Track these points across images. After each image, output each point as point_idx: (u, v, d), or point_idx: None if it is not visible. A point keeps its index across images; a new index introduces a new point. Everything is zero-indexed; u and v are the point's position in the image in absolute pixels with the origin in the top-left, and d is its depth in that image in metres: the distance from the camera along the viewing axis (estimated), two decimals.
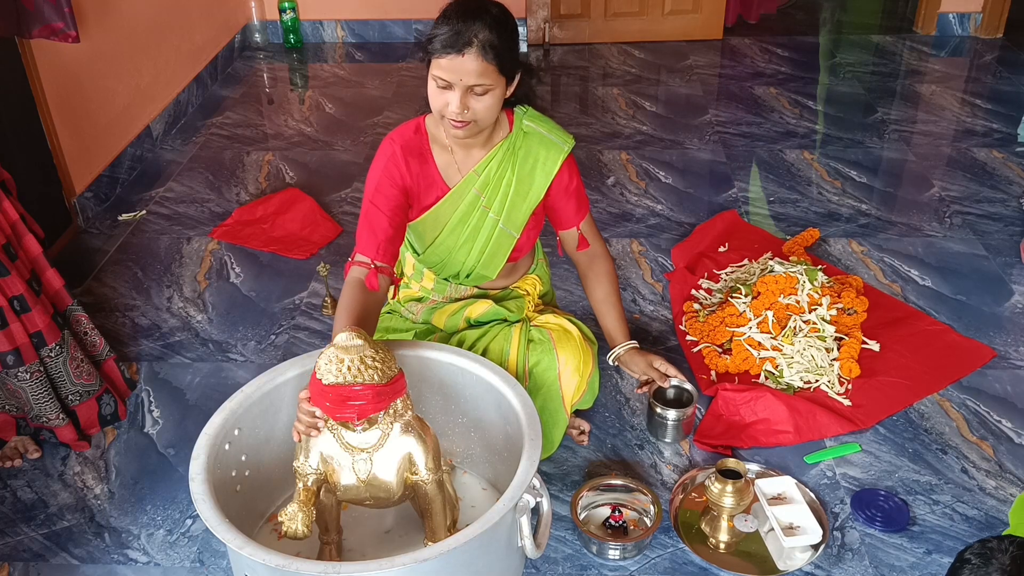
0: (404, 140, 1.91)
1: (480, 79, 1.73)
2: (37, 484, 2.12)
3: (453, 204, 1.95)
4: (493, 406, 1.87)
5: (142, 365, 2.50)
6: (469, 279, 2.07)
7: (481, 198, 1.95)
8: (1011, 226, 3.12)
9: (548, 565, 1.90)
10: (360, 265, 1.84)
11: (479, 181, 1.94)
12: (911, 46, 4.86)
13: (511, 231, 1.99)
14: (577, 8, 4.91)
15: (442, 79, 1.74)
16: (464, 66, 1.72)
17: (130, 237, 3.14)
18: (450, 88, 1.75)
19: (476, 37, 1.70)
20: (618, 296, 2.11)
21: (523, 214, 1.99)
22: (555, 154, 1.95)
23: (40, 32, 2.77)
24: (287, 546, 1.78)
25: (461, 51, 1.71)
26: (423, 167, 1.92)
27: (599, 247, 2.11)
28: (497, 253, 2.02)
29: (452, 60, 1.71)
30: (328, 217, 3.21)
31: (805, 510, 1.94)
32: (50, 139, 3.01)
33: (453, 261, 2.02)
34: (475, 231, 1.98)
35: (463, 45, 1.70)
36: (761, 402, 2.24)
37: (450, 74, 1.73)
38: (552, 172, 1.96)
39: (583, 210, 2.07)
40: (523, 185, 1.96)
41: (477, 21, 1.71)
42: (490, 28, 1.72)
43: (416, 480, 1.68)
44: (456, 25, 1.71)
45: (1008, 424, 2.25)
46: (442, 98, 1.77)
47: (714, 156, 3.67)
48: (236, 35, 4.78)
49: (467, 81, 1.73)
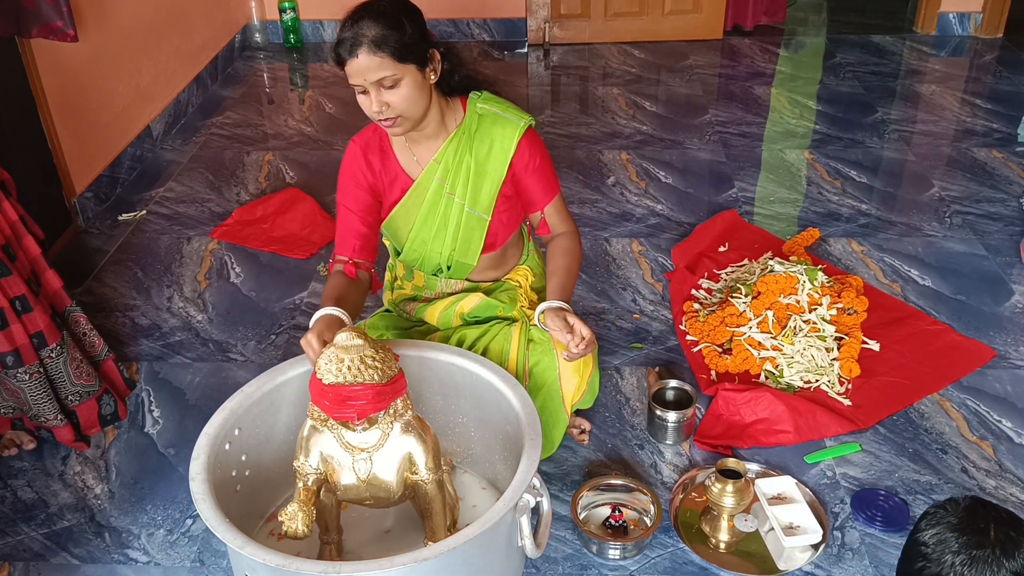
0: (364, 140, 1.99)
1: (380, 72, 1.76)
2: (37, 484, 2.12)
3: (419, 196, 1.98)
4: (493, 406, 1.87)
5: (142, 365, 2.50)
6: (452, 271, 2.07)
7: (444, 185, 1.97)
8: (1011, 226, 3.12)
9: (548, 565, 1.90)
10: (338, 263, 1.94)
11: (440, 169, 1.96)
12: (911, 46, 4.86)
13: (480, 214, 2.00)
14: (577, 8, 4.91)
15: (354, 85, 1.80)
16: (361, 66, 1.76)
17: (130, 237, 3.14)
18: (365, 91, 1.80)
19: (363, 36, 1.74)
20: (569, 271, 2.00)
21: (488, 195, 1.99)
22: (511, 131, 1.95)
23: (39, 32, 2.77)
24: (287, 546, 1.78)
25: (354, 54, 1.75)
26: (385, 163, 1.98)
27: (566, 228, 2.07)
28: (471, 238, 2.02)
29: (351, 65, 1.77)
30: (328, 217, 3.21)
31: (805, 510, 1.94)
32: (50, 139, 3.01)
33: (431, 253, 2.04)
34: (444, 219, 2.00)
35: (353, 47, 1.75)
36: (761, 402, 2.24)
37: (355, 78, 1.78)
38: (510, 149, 1.95)
39: (550, 192, 2.03)
40: (482, 166, 1.97)
41: (362, 20, 1.76)
42: (375, 22, 1.76)
43: (416, 480, 1.68)
44: (346, 32, 1.77)
45: (1008, 424, 2.25)
46: (364, 102, 1.82)
47: (714, 156, 3.67)
48: (236, 35, 4.78)
49: (371, 78, 1.77)
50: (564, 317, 1.86)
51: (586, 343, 1.84)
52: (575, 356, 1.86)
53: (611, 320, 2.67)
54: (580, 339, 1.83)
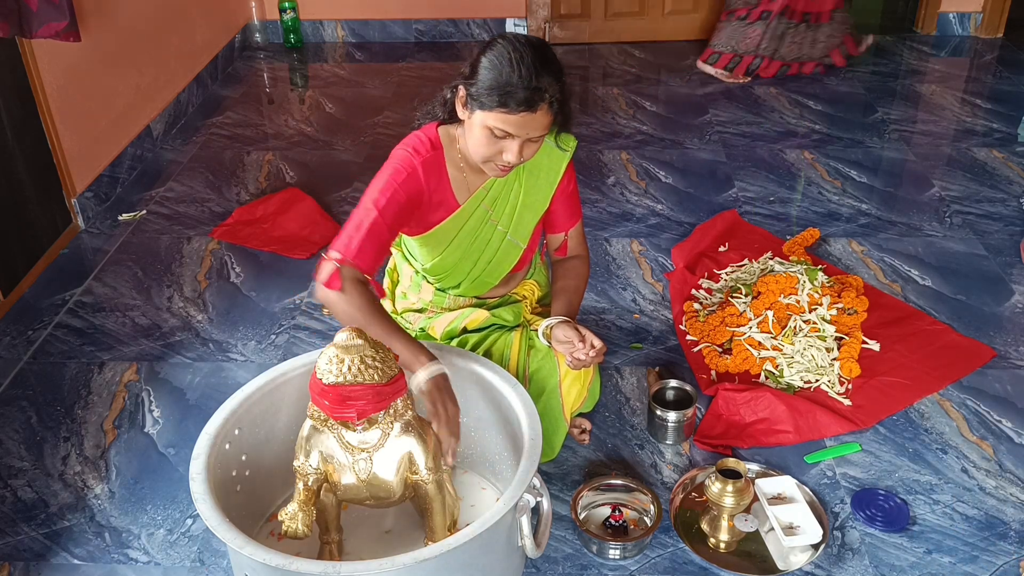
0: (424, 158, 1.84)
1: (541, 131, 1.72)
2: (37, 484, 2.12)
3: (461, 220, 1.94)
4: (493, 406, 1.87)
5: (142, 365, 2.50)
6: (471, 287, 2.06)
7: (490, 212, 1.95)
8: (1011, 226, 3.12)
9: (548, 565, 1.90)
10: (352, 267, 1.78)
11: (487, 197, 1.94)
12: (911, 46, 4.86)
13: (518, 242, 2.00)
14: (577, 8, 4.91)
15: (502, 131, 1.70)
16: (534, 122, 1.68)
17: (130, 237, 3.14)
18: (508, 138, 1.71)
19: (546, 92, 1.67)
20: (578, 292, 2.04)
21: (530, 224, 2.00)
22: (558, 162, 1.95)
23: (42, 32, 2.77)
24: (287, 546, 1.78)
25: (533, 108, 1.66)
26: (438, 184, 1.88)
27: (581, 252, 2.10)
28: (503, 263, 2.03)
29: (522, 117, 1.67)
30: (328, 217, 3.21)
31: (805, 510, 1.95)
32: (50, 139, 3.01)
33: (458, 271, 2.02)
34: (483, 244, 1.98)
35: (535, 102, 1.66)
36: (761, 402, 2.24)
37: (516, 129, 1.69)
38: (556, 180, 1.97)
39: (575, 216, 2.06)
40: (530, 197, 1.96)
41: (545, 75, 1.67)
42: (556, 80, 1.68)
43: (416, 480, 1.68)
44: (528, 82, 1.65)
45: (1008, 424, 2.25)
46: (495, 146, 1.73)
47: (714, 156, 3.67)
48: (236, 35, 4.78)
49: (532, 134, 1.70)
50: (575, 327, 1.88)
51: (596, 351, 1.84)
52: (582, 364, 1.87)
53: (611, 320, 2.67)
54: (591, 347, 1.84)
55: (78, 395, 2.39)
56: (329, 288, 1.76)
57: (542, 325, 1.96)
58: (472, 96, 1.72)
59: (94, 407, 2.35)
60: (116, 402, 2.37)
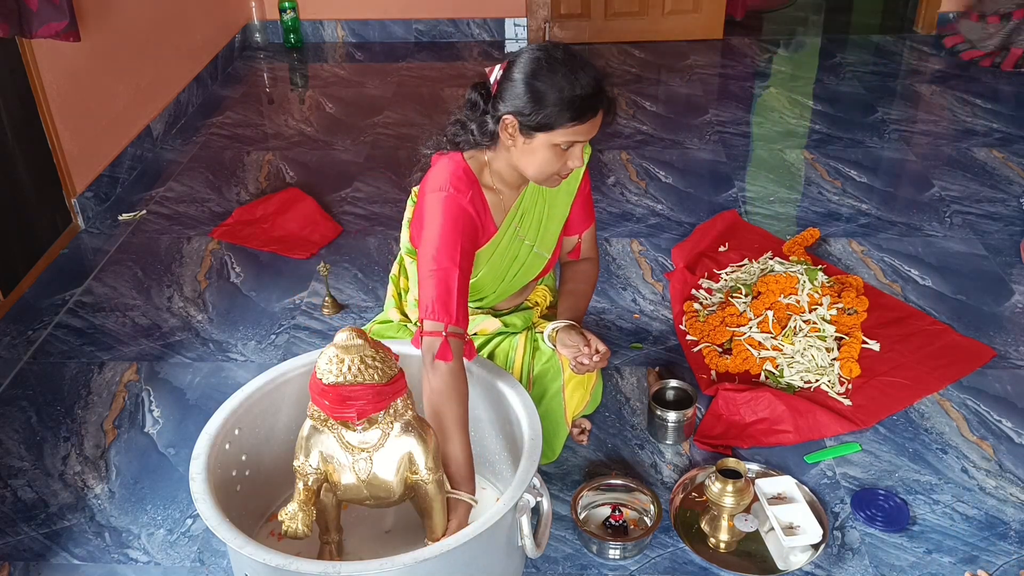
0: (466, 194, 1.80)
1: (600, 126, 1.74)
2: (37, 484, 2.12)
3: (497, 241, 1.93)
4: (493, 406, 1.87)
5: (142, 365, 2.50)
6: (493, 299, 2.05)
7: (518, 230, 1.95)
8: (1011, 226, 3.12)
9: (548, 565, 1.90)
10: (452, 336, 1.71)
11: (517, 214, 1.94)
12: (911, 46, 4.86)
13: (544, 253, 2.01)
14: (577, 8, 4.91)
15: (572, 142, 1.71)
16: (598, 121, 1.71)
17: (130, 237, 3.14)
18: (574, 146, 1.72)
19: (608, 97, 1.70)
20: (586, 296, 2.06)
21: (554, 235, 2.01)
22: (577, 170, 1.96)
23: (42, 32, 2.77)
24: (287, 546, 1.78)
25: (596, 111, 1.68)
26: (483, 215, 1.86)
27: (592, 254, 2.12)
28: (528, 274, 2.03)
29: (592, 123, 1.69)
30: (328, 217, 3.21)
31: (805, 510, 1.95)
32: (50, 139, 3.01)
33: (484, 285, 2.00)
34: (511, 259, 1.98)
35: (598, 104, 1.68)
36: (761, 402, 2.24)
37: (587, 135, 1.70)
38: (575, 187, 1.98)
39: (590, 219, 2.07)
40: (553, 209, 1.97)
41: (596, 72, 1.69)
42: (608, 87, 1.71)
43: (416, 480, 1.68)
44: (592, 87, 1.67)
45: (1008, 424, 2.25)
46: (561, 158, 1.73)
47: (714, 156, 3.67)
48: (236, 35, 4.78)
49: (595, 134, 1.72)
50: (580, 331, 1.89)
51: (601, 356, 1.85)
52: (586, 368, 1.87)
53: (611, 320, 2.67)
54: (595, 352, 1.84)
55: (78, 395, 2.39)
56: (443, 361, 1.71)
57: (547, 328, 1.96)
58: (535, 124, 1.70)
59: (94, 407, 2.35)
60: (116, 402, 2.37)
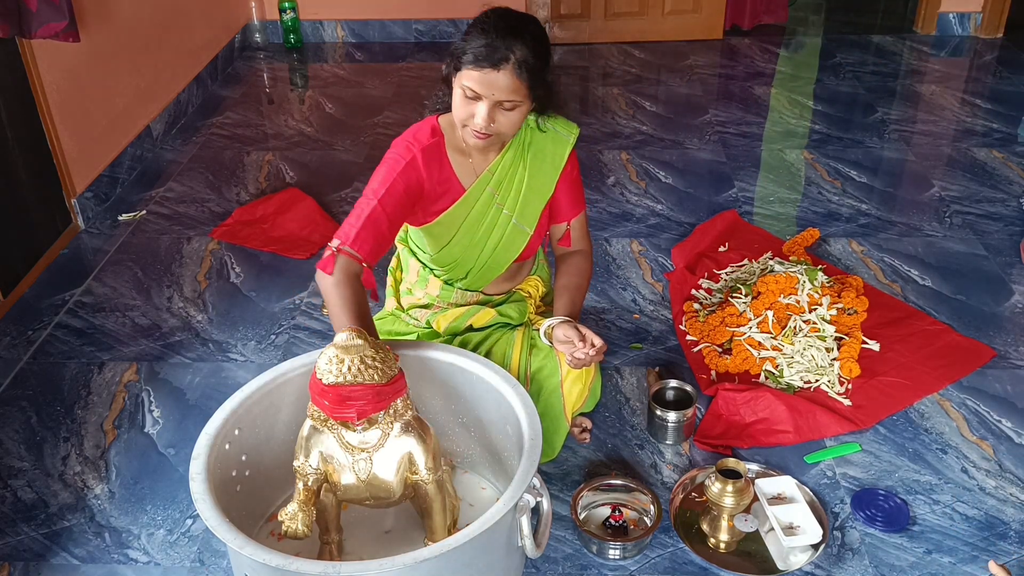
0: (423, 146, 1.88)
1: (511, 95, 1.75)
2: (37, 484, 2.12)
3: (468, 205, 1.96)
4: (493, 406, 1.87)
5: (142, 365, 2.50)
6: (478, 278, 2.06)
7: (495, 196, 1.96)
8: (1011, 226, 3.12)
9: (548, 565, 1.90)
10: (351, 258, 1.80)
11: (493, 180, 1.95)
12: (911, 46, 4.86)
13: (525, 227, 2.00)
14: (577, 8, 4.91)
15: (472, 90, 1.74)
16: (497, 81, 1.72)
17: (130, 237, 3.14)
18: (479, 99, 1.75)
19: (513, 54, 1.71)
20: (580, 291, 2.05)
21: (535, 209, 2.00)
22: (562, 148, 1.98)
23: (41, 32, 2.77)
24: (287, 546, 1.78)
25: (497, 66, 1.71)
26: (440, 172, 1.91)
27: (584, 246, 2.11)
28: (509, 249, 2.03)
29: (486, 74, 1.72)
30: (328, 217, 3.21)
31: (805, 510, 1.95)
32: (50, 139, 3.01)
33: (465, 259, 2.02)
34: (489, 228, 1.99)
35: (500, 60, 1.71)
36: (761, 402, 2.24)
37: (482, 87, 1.73)
38: (561, 164, 1.98)
39: (579, 206, 2.07)
40: (535, 180, 1.98)
41: (517, 39, 1.72)
42: (528, 47, 1.72)
43: (416, 480, 1.68)
44: (494, 40, 1.71)
45: (1008, 424, 2.25)
46: (468, 108, 1.77)
47: (714, 156, 3.67)
48: (236, 35, 4.78)
49: (497, 96, 1.74)
50: (575, 327, 1.88)
51: (596, 350, 1.85)
52: (582, 362, 1.87)
53: (611, 320, 2.67)
54: (591, 346, 1.84)
55: (78, 395, 2.39)
56: (322, 271, 1.80)
57: (543, 325, 1.96)
58: (452, 59, 1.78)
59: (94, 407, 2.35)
60: (116, 402, 2.37)
